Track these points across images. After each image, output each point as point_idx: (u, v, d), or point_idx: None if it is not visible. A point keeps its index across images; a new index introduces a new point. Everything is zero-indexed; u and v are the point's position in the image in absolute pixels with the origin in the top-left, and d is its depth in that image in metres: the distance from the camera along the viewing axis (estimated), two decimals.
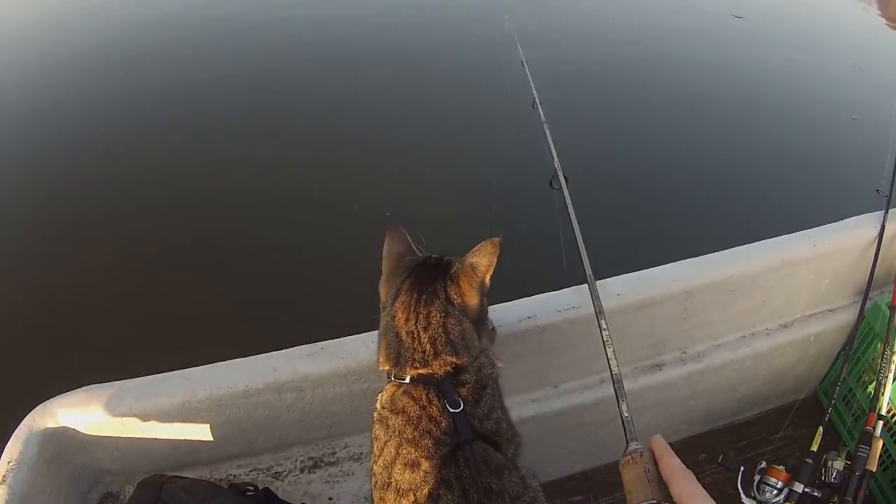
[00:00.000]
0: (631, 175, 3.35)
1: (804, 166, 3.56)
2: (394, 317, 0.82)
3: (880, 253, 1.52)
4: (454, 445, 0.74)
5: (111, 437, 1.14)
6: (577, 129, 3.72)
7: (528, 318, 1.16)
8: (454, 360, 0.78)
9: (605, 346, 0.93)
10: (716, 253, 1.34)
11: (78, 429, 1.12)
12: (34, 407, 1.12)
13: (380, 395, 0.83)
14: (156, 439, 1.15)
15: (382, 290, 0.87)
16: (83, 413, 1.11)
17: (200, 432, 1.16)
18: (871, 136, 3.92)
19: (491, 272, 0.84)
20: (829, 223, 1.51)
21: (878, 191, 1.67)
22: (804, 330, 1.55)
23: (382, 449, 0.78)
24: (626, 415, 0.81)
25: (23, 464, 1.04)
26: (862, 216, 1.56)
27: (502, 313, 1.16)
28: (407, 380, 0.79)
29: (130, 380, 1.15)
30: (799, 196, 3.24)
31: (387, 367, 0.82)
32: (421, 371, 0.78)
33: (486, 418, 0.78)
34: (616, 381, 0.86)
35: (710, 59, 5.03)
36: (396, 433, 0.76)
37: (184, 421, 1.14)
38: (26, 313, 2.48)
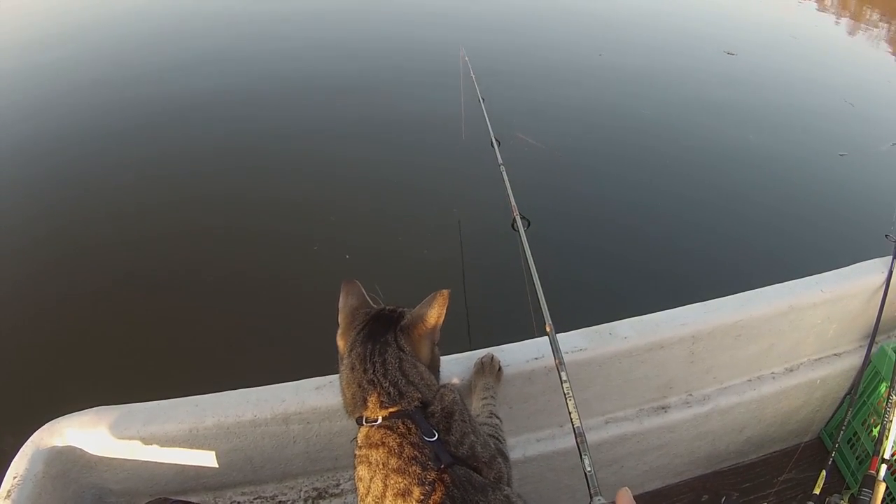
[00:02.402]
0: (635, 220, 3.38)
1: (812, 210, 3.57)
2: (353, 368, 0.84)
3: (888, 297, 1.52)
4: (438, 470, 0.75)
5: (117, 458, 1.14)
6: (568, 173, 3.74)
7: (536, 358, 1.17)
8: (419, 395, 0.81)
9: (566, 399, 0.92)
10: (723, 298, 1.35)
11: (85, 448, 1.12)
12: (41, 425, 1.13)
13: (353, 440, 0.84)
14: (162, 463, 1.16)
15: (340, 342, 0.90)
16: (91, 433, 1.11)
17: (206, 459, 1.16)
18: (877, 178, 3.93)
19: (440, 323, 0.86)
20: (838, 268, 1.52)
21: (886, 236, 1.68)
22: (810, 374, 1.55)
23: (369, 486, 0.78)
24: (588, 469, 0.80)
25: (28, 480, 1.05)
26: (869, 261, 1.56)
27: (511, 353, 1.17)
28: (379, 420, 0.80)
29: (139, 403, 1.16)
30: (808, 241, 3.25)
31: (356, 415, 0.84)
32: (392, 409, 0.81)
33: (461, 444, 0.80)
34: (578, 435, 0.85)
35: (707, 97, 5.03)
36: (381, 466, 0.77)
37: (190, 447, 1.15)
38: (38, 335, 2.52)
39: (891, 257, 1.57)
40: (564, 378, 0.95)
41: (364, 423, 0.81)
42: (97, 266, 2.89)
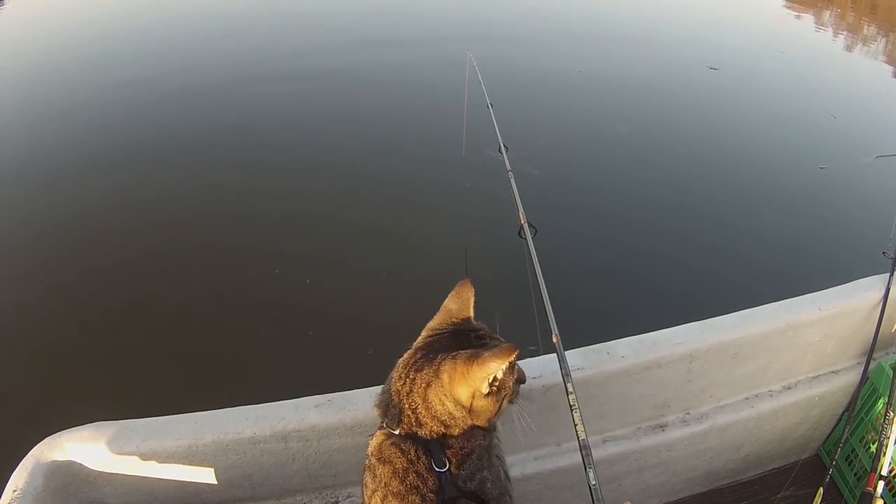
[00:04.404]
0: (630, 239, 3.37)
1: (806, 227, 3.58)
2: (397, 367, 0.83)
3: (885, 314, 1.53)
4: (440, 503, 0.75)
5: (117, 473, 1.15)
6: (560, 187, 3.74)
7: (534, 378, 1.17)
8: (440, 430, 0.79)
9: (571, 412, 0.91)
10: (721, 316, 1.36)
11: (84, 463, 1.13)
12: (41, 439, 1.14)
13: (371, 438, 0.84)
14: (161, 479, 1.16)
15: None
16: (91, 448, 1.12)
17: (205, 475, 1.17)
18: (871, 190, 3.94)
19: (473, 390, 0.78)
20: (835, 286, 1.53)
21: (884, 253, 1.69)
22: (808, 391, 1.56)
23: (370, 498, 0.79)
24: (593, 483, 0.79)
25: (27, 493, 1.05)
26: (867, 279, 1.57)
27: None
28: (397, 431, 0.80)
29: (139, 419, 1.17)
30: (804, 258, 3.25)
31: (378, 412, 0.84)
32: (409, 431, 0.80)
33: (470, 479, 0.79)
34: (583, 447, 0.84)
35: (690, 113, 5.03)
36: (382, 484, 0.77)
37: (189, 463, 1.15)
38: (39, 350, 2.53)
39: (888, 274, 1.58)
40: (570, 389, 0.93)
41: (384, 425, 0.81)
42: (97, 282, 2.90)
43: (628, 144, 4.36)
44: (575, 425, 0.88)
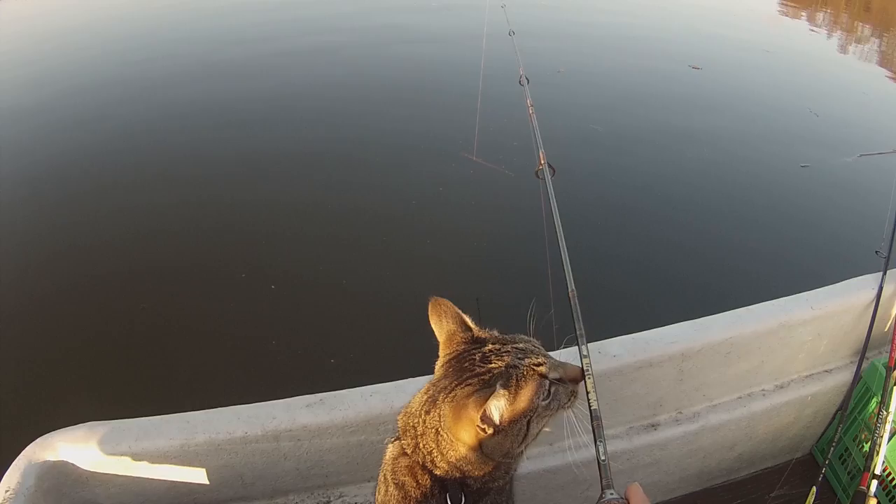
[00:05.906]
0: (623, 241, 3.34)
1: (798, 226, 3.56)
2: (419, 397, 0.78)
3: (878, 314, 1.53)
4: None
5: (109, 473, 1.15)
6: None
7: None
8: (455, 475, 0.75)
9: (584, 378, 0.85)
10: (713, 316, 1.36)
11: (77, 463, 1.13)
12: (34, 439, 1.14)
13: (390, 444, 0.81)
14: (153, 479, 1.17)
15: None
16: (83, 448, 1.12)
17: (197, 475, 1.17)
18: (861, 192, 3.93)
19: (474, 431, 0.71)
20: (828, 285, 1.53)
21: (876, 252, 1.69)
22: (801, 390, 1.56)
23: None
24: (602, 458, 0.74)
25: (20, 494, 1.06)
26: (859, 278, 1.57)
27: None
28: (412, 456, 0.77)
29: (131, 419, 1.17)
30: (796, 258, 3.24)
31: (399, 425, 0.81)
32: (424, 463, 0.76)
33: None
34: (595, 418, 0.79)
35: (669, 113, 4.98)
36: None
37: (182, 463, 1.15)
38: (31, 350, 2.54)
39: (881, 273, 1.58)
40: (585, 353, 0.89)
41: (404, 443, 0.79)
42: (90, 283, 2.91)
43: (605, 144, 4.34)
44: (587, 393, 0.83)
